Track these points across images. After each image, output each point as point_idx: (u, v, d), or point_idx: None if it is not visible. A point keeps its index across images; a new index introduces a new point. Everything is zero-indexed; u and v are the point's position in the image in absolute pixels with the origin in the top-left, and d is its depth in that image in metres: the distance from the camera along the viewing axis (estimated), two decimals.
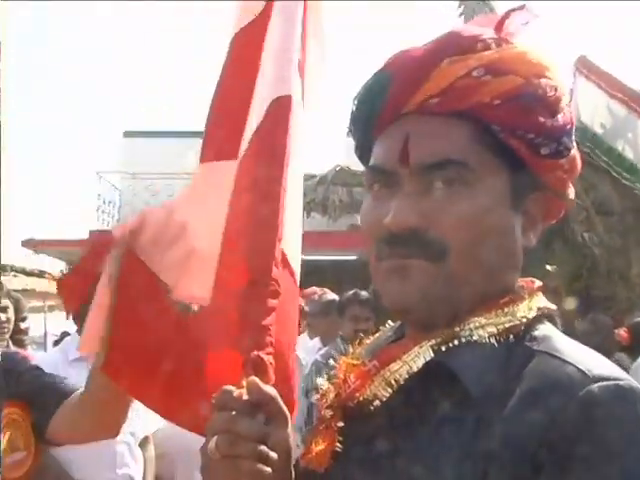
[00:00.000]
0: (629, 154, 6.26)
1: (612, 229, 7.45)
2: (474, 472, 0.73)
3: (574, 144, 0.86)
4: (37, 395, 1.62)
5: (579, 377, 0.73)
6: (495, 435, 0.73)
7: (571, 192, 0.89)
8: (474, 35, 0.83)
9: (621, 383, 0.72)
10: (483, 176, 0.80)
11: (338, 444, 0.84)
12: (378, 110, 0.85)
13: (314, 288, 4.86)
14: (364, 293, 4.08)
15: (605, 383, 0.72)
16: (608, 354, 4.92)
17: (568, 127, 0.84)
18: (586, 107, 6.95)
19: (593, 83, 6.74)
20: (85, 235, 11.93)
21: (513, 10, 0.88)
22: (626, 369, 4.35)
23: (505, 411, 0.74)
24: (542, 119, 0.81)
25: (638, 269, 7.36)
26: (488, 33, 0.84)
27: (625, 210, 7.27)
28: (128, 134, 14.70)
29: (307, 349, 4.46)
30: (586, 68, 6.91)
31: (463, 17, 7.84)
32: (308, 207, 8.86)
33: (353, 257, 8.88)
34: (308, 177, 8.89)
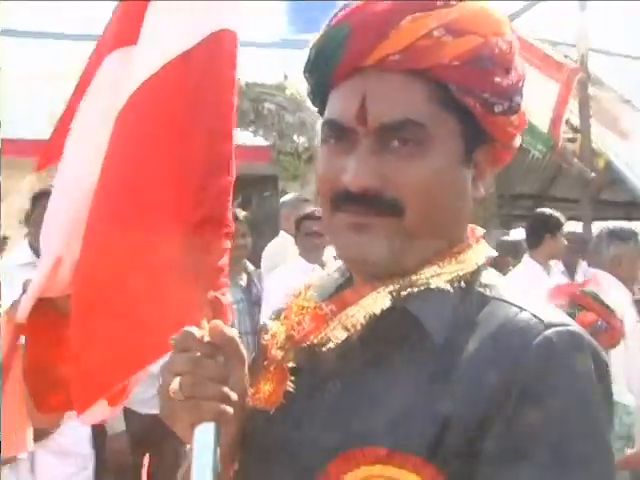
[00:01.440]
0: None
1: None
2: (434, 415, 0.75)
3: (523, 102, 0.87)
4: None
5: (535, 323, 0.77)
6: (457, 379, 0.76)
7: (517, 141, 0.91)
8: None
9: (571, 329, 0.77)
10: (438, 135, 0.82)
11: (289, 383, 0.84)
12: (336, 63, 0.83)
13: None
14: (239, 210, 3.97)
15: (558, 329, 0.76)
16: None
17: (520, 84, 0.86)
18: None
19: None
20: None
21: None
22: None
23: (465, 355, 0.77)
24: (498, 79, 0.82)
25: (493, 190, 7.80)
26: None
27: None
28: (5, 33, 13.42)
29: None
30: None
31: None
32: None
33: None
34: None
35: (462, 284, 0.83)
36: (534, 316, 0.78)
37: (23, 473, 2.73)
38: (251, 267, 4.08)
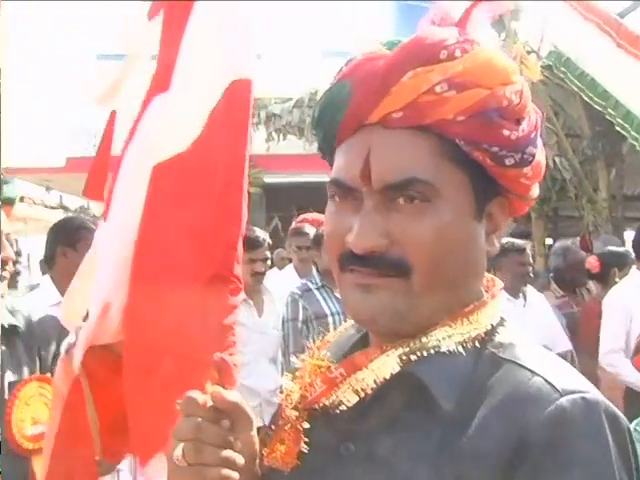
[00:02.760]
0: (601, 79, 6.22)
1: (581, 153, 7.49)
2: None
3: (539, 148, 0.83)
4: None
5: (548, 390, 0.73)
6: (464, 448, 0.73)
7: (535, 192, 0.86)
8: (437, 42, 0.78)
9: (587, 396, 0.73)
10: (445, 191, 0.78)
11: (303, 445, 0.83)
12: (339, 121, 0.81)
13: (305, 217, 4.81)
14: None
15: (572, 397, 0.73)
16: (579, 285, 5.05)
17: (532, 135, 0.81)
18: (561, 31, 6.85)
19: (568, 5, 6.62)
20: (62, 162, 11.73)
21: (479, 1, 0.83)
22: (597, 297, 4.47)
23: (475, 423, 0.74)
24: (507, 132, 0.78)
25: (605, 193, 7.43)
26: (452, 36, 0.78)
27: (595, 135, 7.28)
28: (102, 57, 14.28)
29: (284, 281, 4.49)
30: None
31: None
32: (284, 130, 8.77)
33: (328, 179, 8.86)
34: (284, 100, 8.77)
35: (476, 344, 0.79)
36: (547, 382, 0.74)
37: None
38: None
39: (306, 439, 0.83)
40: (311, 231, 4.36)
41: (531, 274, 4.22)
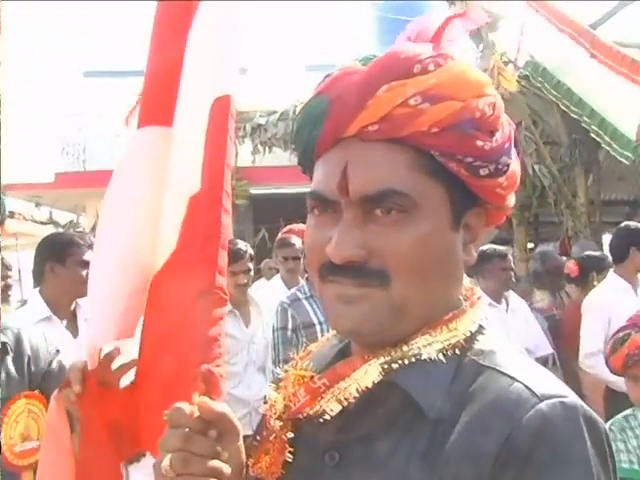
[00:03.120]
0: (577, 88, 6.29)
1: (560, 160, 7.56)
2: None
3: (513, 158, 0.84)
4: None
5: (527, 395, 0.74)
6: (448, 453, 0.73)
7: (511, 201, 0.87)
8: (411, 57, 0.79)
9: (565, 400, 0.74)
10: (422, 202, 0.78)
11: (288, 454, 0.83)
12: (317, 135, 0.82)
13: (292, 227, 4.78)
14: None
15: (551, 401, 0.73)
16: (558, 288, 5.09)
17: (506, 146, 0.82)
18: (537, 42, 6.92)
19: (543, 17, 6.69)
20: (51, 177, 11.67)
21: (453, 17, 0.84)
22: (577, 301, 4.51)
23: (458, 429, 0.74)
24: (480, 143, 0.79)
25: (583, 198, 7.50)
26: (426, 51, 0.80)
27: (572, 142, 7.35)
28: (89, 74, 14.27)
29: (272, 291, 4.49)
30: (536, 3, 6.86)
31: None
32: (270, 142, 8.76)
33: None
34: (270, 113, 8.76)
35: (456, 351, 0.80)
36: (527, 387, 0.75)
37: None
38: None
39: (291, 449, 0.83)
40: (297, 242, 4.38)
41: (513, 279, 4.26)
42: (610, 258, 4.32)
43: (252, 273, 3.94)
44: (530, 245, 8.84)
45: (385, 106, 0.78)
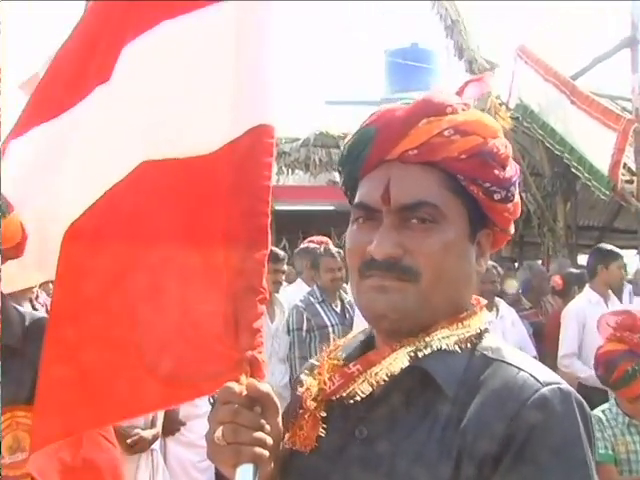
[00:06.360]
0: (559, 128, 6.40)
1: (543, 189, 7.66)
2: (449, 451, 0.76)
3: (517, 193, 0.89)
4: None
5: (532, 382, 0.78)
6: (466, 426, 0.77)
7: (512, 228, 0.93)
8: (444, 100, 0.86)
9: (562, 387, 0.78)
10: (449, 215, 0.83)
11: (321, 429, 0.85)
12: (364, 158, 0.86)
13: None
14: (333, 247, 4.13)
15: (552, 387, 0.77)
16: (542, 295, 5.18)
17: (514, 179, 0.88)
18: (526, 88, 7.02)
19: (531, 68, 6.80)
20: None
21: (470, 81, 0.93)
22: (559, 310, 4.54)
23: (471, 409, 0.77)
24: (497, 172, 0.84)
25: (562, 223, 7.60)
26: (455, 99, 0.87)
27: (554, 174, 7.46)
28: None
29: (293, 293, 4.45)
30: (525, 55, 6.91)
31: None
32: (292, 165, 8.86)
33: (331, 208, 8.99)
34: (292, 140, 8.87)
35: (468, 345, 0.83)
36: (531, 375, 0.79)
37: (157, 460, 2.87)
38: (345, 296, 4.09)
39: (324, 425, 0.85)
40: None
41: (497, 289, 4.35)
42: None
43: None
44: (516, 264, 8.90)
45: (424, 135, 0.84)
